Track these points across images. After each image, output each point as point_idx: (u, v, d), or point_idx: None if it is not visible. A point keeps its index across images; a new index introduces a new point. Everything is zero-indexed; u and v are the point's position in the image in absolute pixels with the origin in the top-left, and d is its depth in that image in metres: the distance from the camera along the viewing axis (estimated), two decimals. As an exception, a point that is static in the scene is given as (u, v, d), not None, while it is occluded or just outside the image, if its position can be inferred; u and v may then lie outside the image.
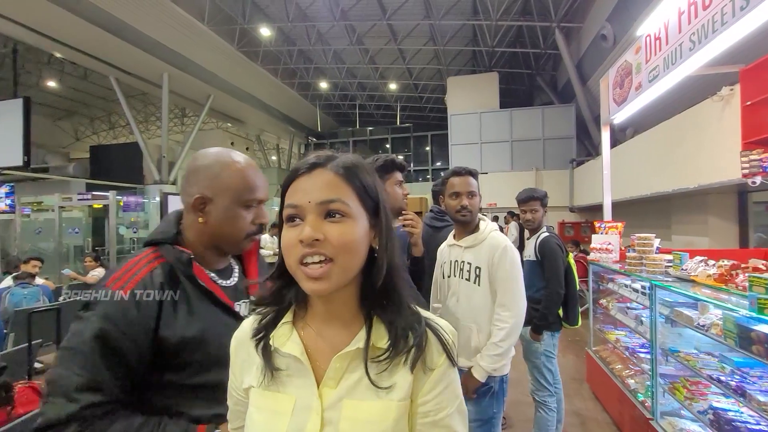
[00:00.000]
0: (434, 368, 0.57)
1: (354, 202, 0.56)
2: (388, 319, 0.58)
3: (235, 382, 0.64)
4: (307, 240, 0.52)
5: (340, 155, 0.60)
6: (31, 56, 12.30)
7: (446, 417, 0.57)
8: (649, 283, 2.36)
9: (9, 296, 3.88)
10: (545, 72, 11.62)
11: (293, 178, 0.57)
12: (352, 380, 0.56)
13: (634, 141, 6.22)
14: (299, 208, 0.55)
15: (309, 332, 0.60)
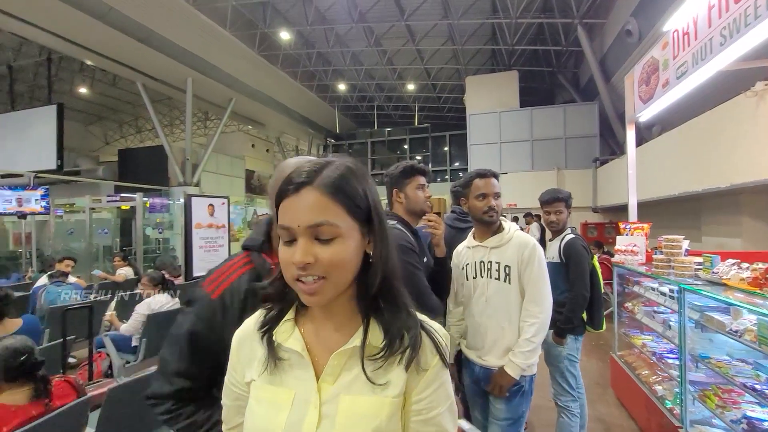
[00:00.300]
0: (428, 368, 0.60)
1: (343, 219, 0.57)
2: (384, 320, 0.61)
3: (236, 377, 0.67)
4: (299, 264, 0.55)
5: (327, 167, 0.59)
6: (64, 64, 12.90)
7: (438, 416, 0.60)
8: (678, 287, 2.28)
9: (44, 294, 4.08)
10: (567, 69, 11.37)
11: (283, 196, 0.58)
12: (349, 377, 0.59)
13: (661, 139, 6.01)
14: (290, 230, 0.57)
15: (309, 330, 0.64)
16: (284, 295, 0.65)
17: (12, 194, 8.16)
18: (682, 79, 2.81)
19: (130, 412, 1.99)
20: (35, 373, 1.54)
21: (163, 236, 10.55)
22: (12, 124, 11.22)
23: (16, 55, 12.11)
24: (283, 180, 0.60)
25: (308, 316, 0.65)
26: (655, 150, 5.95)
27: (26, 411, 1.48)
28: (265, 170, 15.67)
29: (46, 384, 1.56)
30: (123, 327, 3.48)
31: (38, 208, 8.34)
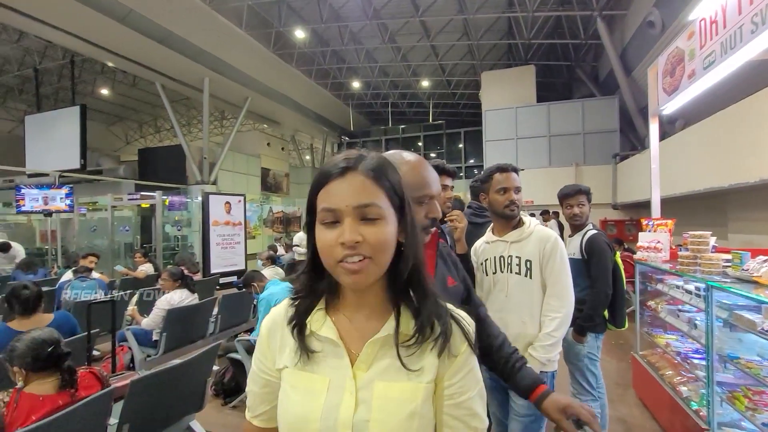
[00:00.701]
0: (458, 354, 0.63)
1: (385, 203, 0.60)
2: (414, 308, 0.63)
3: (266, 364, 0.69)
4: (349, 243, 0.56)
5: (367, 155, 0.62)
6: (86, 66, 13.27)
7: (468, 399, 0.63)
8: (705, 284, 2.20)
9: (70, 289, 4.21)
10: (585, 63, 11.09)
11: (326, 181, 0.60)
12: (382, 364, 0.62)
13: (685, 133, 5.81)
14: (336, 212, 0.58)
15: (341, 319, 0.65)
16: (313, 288, 0.66)
17: (39, 193, 8.46)
18: (710, 69, 2.70)
19: (152, 404, 2.04)
20: (62, 364, 1.58)
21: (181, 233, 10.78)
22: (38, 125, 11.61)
23: (41, 58, 12.50)
24: (322, 172, 0.61)
25: (339, 306, 0.67)
26: (679, 144, 5.76)
27: (53, 400, 1.52)
28: (281, 168, 15.83)
29: (72, 375, 1.61)
30: (144, 321, 3.56)
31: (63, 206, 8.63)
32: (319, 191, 0.61)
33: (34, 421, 1.40)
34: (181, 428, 2.43)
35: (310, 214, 0.62)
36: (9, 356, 1.53)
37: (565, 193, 2.47)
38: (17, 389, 1.51)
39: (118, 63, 9.73)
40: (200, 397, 2.43)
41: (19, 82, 14.24)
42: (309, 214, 0.63)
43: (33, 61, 12.56)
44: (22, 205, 8.35)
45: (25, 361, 1.51)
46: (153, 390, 2.01)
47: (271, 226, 13.09)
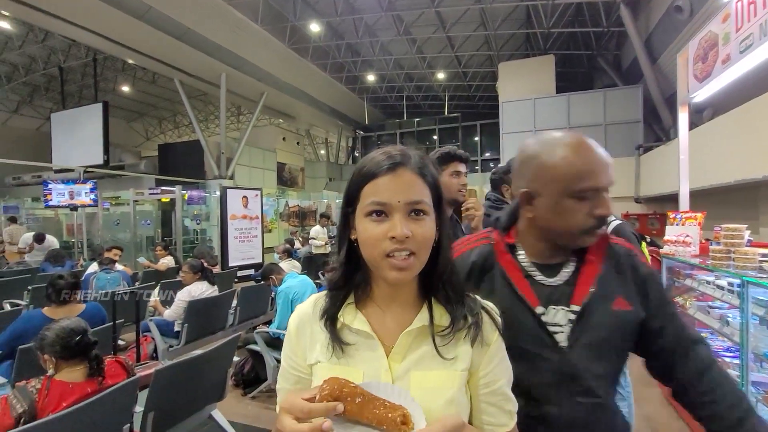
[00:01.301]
0: (490, 344, 0.65)
1: (429, 200, 0.62)
2: (447, 301, 0.65)
3: (296, 361, 0.69)
4: (401, 237, 0.58)
5: (411, 153, 0.64)
6: (108, 64, 13.59)
7: (502, 386, 0.66)
8: (740, 280, 2.10)
9: (95, 280, 4.33)
10: (607, 52, 10.74)
11: (374, 175, 0.61)
12: (417, 354, 0.63)
13: (714, 123, 5.57)
14: (387, 206, 0.60)
15: (373, 312, 0.67)
16: (349, 281, 0.67)
17: (65, 188, 8.74)
18: (747, 53, 2.55)
19: (175, 393, 2.08)
20: (89, 353, 1.62)
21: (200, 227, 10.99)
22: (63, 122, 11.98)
23: (65, 56, 12.86)
24: (368, 166, 0.62)
25: (370, 301, 0.68)
26: (708, 134, 5.53)
27: (82, 388, 1.56)
28: (296, 163, 15.93)
29: (100, 363, 1.64)
30: (166, 313, 3.64)
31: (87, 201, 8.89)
32: (364, 184, 0.62)
33: (64, 408, 1.44)
34: (203, 417, 2.48)
35: (348, 206, 0.64)
36: (39, 345, 1.57)
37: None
38: (48, 377, 1.55)
39: (138, 60, 9.92)
40: (221, 387, 2.46)
41: (45, 81, 14.70)
42: (348, 206, 0.64)
43: (58, 59, 12.95)
44: (49, 199, 8.64)
45: (54, 349, 1.55)
46: (176, 379, 2.05)
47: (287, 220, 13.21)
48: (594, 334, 0.81)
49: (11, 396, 1.46)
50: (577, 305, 0.80)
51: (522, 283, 0.83)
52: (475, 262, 0.87)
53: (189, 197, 10.53)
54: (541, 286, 0.83)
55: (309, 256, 7.35)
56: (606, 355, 0.83)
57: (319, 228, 8.24)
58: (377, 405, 0.53)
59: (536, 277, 0.84)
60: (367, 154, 0.67)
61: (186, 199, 10.35)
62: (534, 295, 0.82)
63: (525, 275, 0.85)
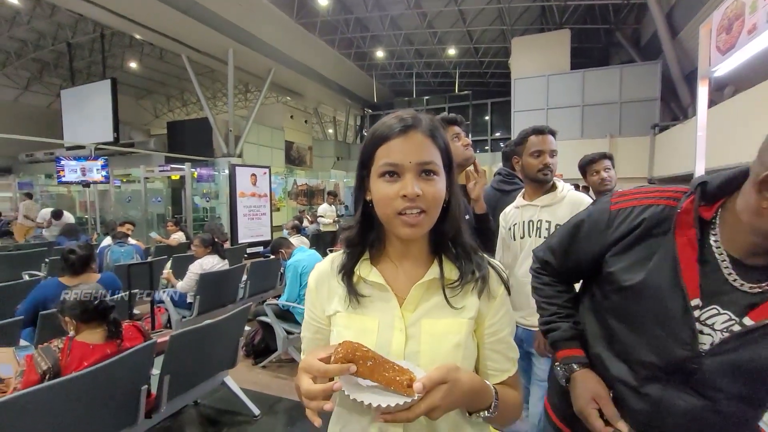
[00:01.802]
0: (496, 296, 0.70)
1: (439, 162, 0.66)
2: (455, 257, 0.70)
3: (316, 313, 0.76)
4: (411, 195, 0.62)
5: (422, 116, 0.67)
6: (115, 40, 13.48)
7: (507, 335, 0.72)
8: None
9: (110, 253, 4.44)
10: (626, 26, 10.33)
11: (386, 137, 0.64)
12: (428, 304, 0.68)
13: (733, 101, 5.39)
14: (399, 167, 0.63)
15: (387, 267, 0.72)
16: (363, 238, 0.72)
17: (77, 164, 8.85)
18: (775, 23, 2.44)
19: (190, 358, 2.15)
20: (108, 316, 1.68)
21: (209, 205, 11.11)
22: (73, 98, 12.01)
23: (73, 32, 12.78)
24: (381, 129, 0.65)
25: (384, 257, 0.73)
26: (728, 112, 5.36)
27: (102, 349, 1.62)
28: (304, 141, 15.86)
29: (118, 326, 1.71)
30: (179, 285, 3.73)
31: (99, 178, 9.00)
32: (377, 147, 0.65)
33: (86, 367, 1.51)
34: (217, 382, 2.58)
35: (364, 168, 0.68)
36: (61, 308, 1.63)
37: (590, 159, 2.36)
38: (69, 338, 1.61)
39: (145, 35, 9.81)
40: (233, 355, 2.55)
41: (54, 57, 14.68)
42: (363, 168, 0.68)
43: (66, 35, 12.87)
44: (62, 176, 8.76)
45: (74, 312, 1.61)
46: (191, 345, 2.12)
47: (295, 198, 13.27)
48: (752, 362, 0.68)
49: (36, 354, 1.52)
50: (755, 321, 0.67)
51: (691, 269, 0.70)
52: (645, 220, 0.76)
53: (198, 175, 10.60)
54: (713, 278, 0.70)
55: (317, 234, 7.42)
56: (752, 391, 0.71)
57: (326, 206, 8.28)
58: (387, 368, 0.56)
59: (729, 276, 0.70)
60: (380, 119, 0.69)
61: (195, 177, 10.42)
62: (697, 286, 0.70)
63: (700, 260, 0.71)
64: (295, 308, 3.37)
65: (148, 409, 1.88)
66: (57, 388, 1.39)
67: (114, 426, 1.70)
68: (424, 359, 0.65)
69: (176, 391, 2.07)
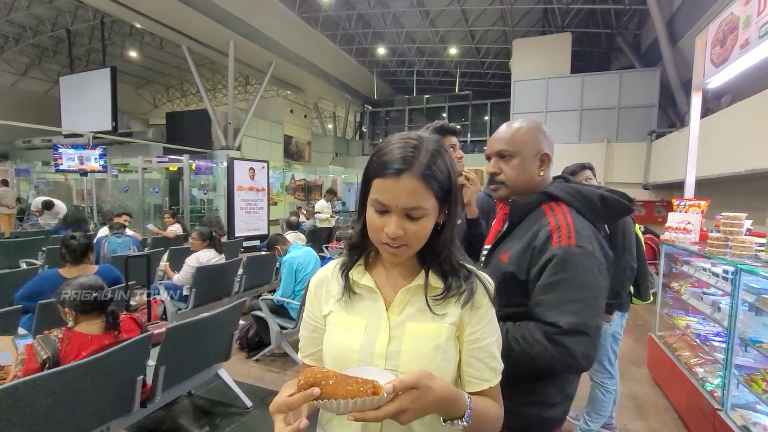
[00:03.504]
0: (480, 307, 0.74)
1: (430, 202, 0.68)
2: (441, 273, 0.75)
3: (313, 312, 0.82)
4: (392, 235, 0.67)
5: (422, 148, 0.68)
6: (116, 28, 13.38)
7: (488, 344, 0.74)
8: (734, 267, 2.14)
9: (107, 244, 4.47)
10: (627, 31, 10.36)
11: (382, 173, 0.67)
12: (412, 309, 0.74)
13: (730, 110, 5.44)
14: (386, 206, 0.67)
15: (378, 273, 0.79)
16: (363, 245, 0.79)
17: (74, 153, 8.83)
18: (766, 38, 2.49)
19: (185, 350, 2.20)
20: (106, 308, 1.73)
21: (207, 197, 11.10)
22: (72, 86, 11.92)
23: (73, 18, 12.67)
24: (381, 160, 0.68)
25: (377, 263, 0.80)
26: (724, 121, 5.41)
27: (100, 340, 1.67)
28: (303, 136, 15.84)
29: (115, 318, 1.75)
30: (175, 277, 3.77)
31: (97, 167, 8.99)
32: (375, 177, 0.69)
33: (84, 356, 1.55)
34: (210, 374, 2.63)
35: (365, 185, 0.72)
36: (60, 299, 1.68)
37: (571, 171, 2.37)
38: (68, 328, 1.66)
39: (145, 24, 9.75)
40: (227, 348, 2.60)
41: (52, 43, 14.55)
42: (364, 185, 0.72)
43: (65, 21, 12.76)
44: (60, 164, 8.75)
45: (74, 303, 1.65)
46: (186, 337, 2.17)
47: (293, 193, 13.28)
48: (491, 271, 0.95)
49: (35, 343, 1.57)
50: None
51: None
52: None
53: (196, 167, 10.59)
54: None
55: (313, 230, 7.45)
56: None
57: (324, 202, 8.31)
58: (350, 382, 0.59)
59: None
60: (388, 137, 0.73)
61: (193, 168, 10.41)
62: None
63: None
64: (290, 304, 3.42)
65: (143, 398, 1.93)
66: (56, 377, 1.44)
67: (110, 414, 1.76)
68: (405, 358, 0.70)
69: (171, 382, 2.12)
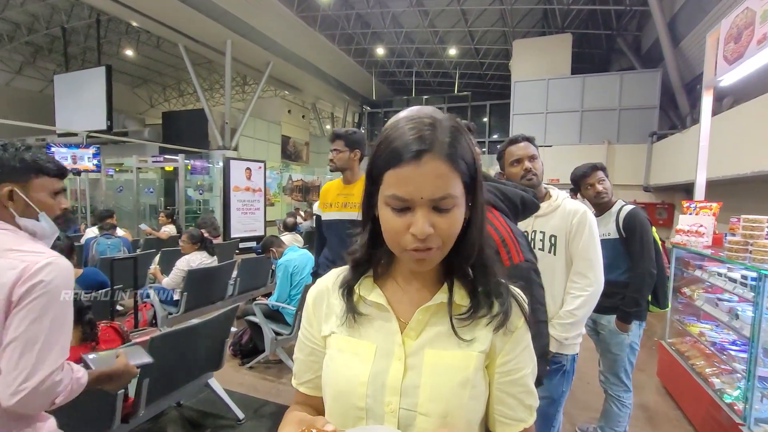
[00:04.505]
0: (514, 330, 0.61)
1: (459, 189, 0.54)
2: (471, 282, 0.61)
3: (311, 332, 0.68)
4: (422, 236, 0.52)
5: (440, 128, 0.54)
6: (112, 26, 13.23)
7: (524, 377, 0.61)
8: (757, 273, 2.02)
9: (96, 245, 4.32)
10: (628, 32, 10.30)
11: (396, 162, 0.53)
12: (432, 332, 0.60)
13: (734, 111, 5.35)
14: (408, 201, 0.53)
15: (391, 287, 0.64)
16: (369, 255, 0.64)
17: (67, 151, 8.66)
18: (785, 34, 2.38)
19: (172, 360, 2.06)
20: (83, 317, 1.58)
21: (203, 197, 10.95)
22: (67, 84, 11.76)
23: (68, 16, 12.50)
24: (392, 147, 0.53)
25: (389, 276, 0.65)
26: (728, 123, 5.32)
27: (74, 352, 1.52)
28: (301, 137, 15.70)
29: (93, 328, 1.61)
30: (165, 281, 3.62)
31: (90, 166, 8.83)
32: (387, 168, 0.54)
33: (54, 372, 1.41)
34: (200, 385, 2.48)
35: (372, 183, 0.57)
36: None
37: (582, 173, 2.23)
38: None
39: (141, 22, 9.62)
40: (218, 357, 2.46)
41: (47, 42, 14.37)
42: (371, 183, 0.57)
43: (60, 19, 12.59)
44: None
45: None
46: (173, 347, 2.02)
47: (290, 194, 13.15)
48: None
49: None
50: None
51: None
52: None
53: (192, 167, 10.43)
54: None
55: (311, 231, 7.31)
56: None
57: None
58: None
59: None
60: (392, 121, 0.57)
61: (189, 168, 10.25)
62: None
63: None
64: (285, 309, 3.28)
65: (125, 413, 1.79)
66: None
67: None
68: (424, 395, 0.57)
69: (156, 394, 1.97)
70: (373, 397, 0.58)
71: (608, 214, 2.22)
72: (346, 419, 0.60)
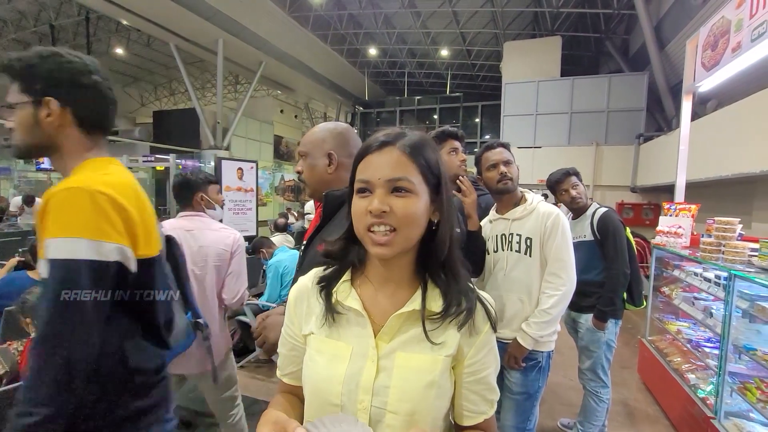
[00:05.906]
0: (480, 333, 0.66)
1: (417, 179, 0.62)
2: (443, 286, 0.66)
3: (293, 329, 0.73)
4: (375, 211, 0.59)
5: (408, 134, 0.65)
6: (101, 24, 13.09)
7: (487, 376, 0.68)
8: (728, 273, 2.11)
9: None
10: (616, 36, 10.47)
11: (365, 153, 0.64)
12: (405, 336, 0.65)
13: (716, 115, 5.49)
14: (369, 183, 0.62)
15: (367, 290, 0.69)
16: (346, 254, 0.70)
17: (56, 151, 8.57)
18: (758, 42, 2.48)
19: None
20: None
21: (194, 198, 10.88)
22: (54, 83, 11.59)
23: (57, 14, 12.34)
24: (365, 145, 0.65)
25: (365, 279, 0.70)
26: (710, 126, 5.46)
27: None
28: (293, 137, 15.68)
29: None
30: (156, 281, 3.63)
31: (80, 166, 8.73)
32: (358, 163, 0.64)
33: (44, 372, 1.44)
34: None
35: (351, 184, 0.66)
36: (21, 308, 1.56)
37: (556, 179, 2.35)
38: (30, 339, 1.54)
39: (132, 21, 9.53)
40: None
41: (35, 39, 14.16)
42: (351, 183, 0.66)
43: (49, 16, 12.42)
44: (41, 162, 8.50)
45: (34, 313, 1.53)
46: (162, 347, 2.05)
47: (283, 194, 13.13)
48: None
49: (-9, 357, 1.46)
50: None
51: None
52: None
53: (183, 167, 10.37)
54: None
55: (302, 231, 7.34)
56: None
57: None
58: None
59: None
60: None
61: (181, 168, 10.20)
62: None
63: None
64: (275, 309, 3.31)
65: (114, 413, 1.81)
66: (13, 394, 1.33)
67: None
68: (394, 395, 0.62)
69: (145, 394, 2.00)
70: (348, 395, 0.63)
71: (584, 217, 2.31)
72: (322, 413, 0.64)
